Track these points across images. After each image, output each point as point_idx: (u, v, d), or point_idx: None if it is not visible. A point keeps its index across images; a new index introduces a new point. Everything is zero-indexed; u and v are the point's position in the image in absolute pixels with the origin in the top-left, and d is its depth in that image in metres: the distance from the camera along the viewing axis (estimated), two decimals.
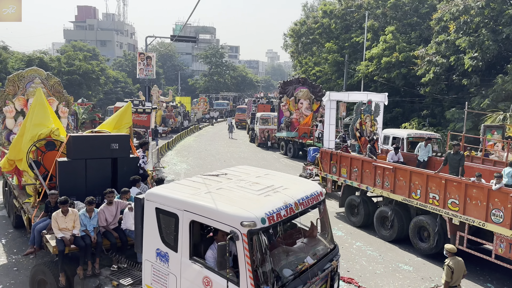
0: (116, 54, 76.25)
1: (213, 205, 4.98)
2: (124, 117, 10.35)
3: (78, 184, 8.19)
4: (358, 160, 12.92)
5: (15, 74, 14.32)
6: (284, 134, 27.19)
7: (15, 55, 38.08)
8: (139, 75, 32.40)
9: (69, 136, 8.37)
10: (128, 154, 8.95)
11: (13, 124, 13.93)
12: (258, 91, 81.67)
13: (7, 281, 8.64)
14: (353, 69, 31.83)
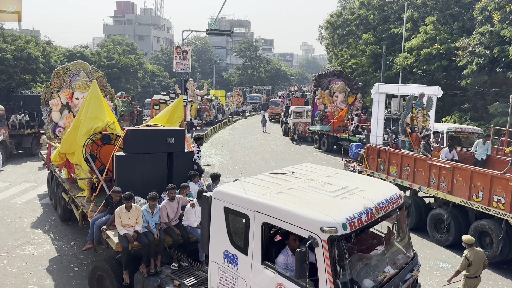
0: (153, 49, 77.75)
1: (289, 207, 4.62)
2: (176, 111, 10.10)
3: (135, 179, 8.04)
4: (410, 157, 12.02)
5: (60, 67, 14.32)
6: (318, 127, 26.92)
7: (58, 49, 39.56)
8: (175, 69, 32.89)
9: (127, 130, 8.19)
10: (184, 149, 8.78)
11: (58, 117, 14.02)
12: (292, 84, 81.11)
13: (51, 265, 9.06)
14: (391, 61, 31.01)
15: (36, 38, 34.15)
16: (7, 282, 8.21)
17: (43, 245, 10.15)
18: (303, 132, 30.40)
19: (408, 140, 14.07)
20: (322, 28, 41.39)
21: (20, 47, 26.87)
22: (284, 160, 22.32)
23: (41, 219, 12.04)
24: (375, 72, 33.62)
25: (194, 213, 7.16)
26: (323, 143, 26.47)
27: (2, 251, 9.71)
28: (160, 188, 7.89)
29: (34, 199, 14.06)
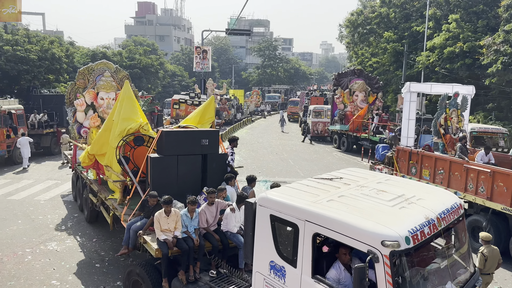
0: (173, 49, 78.50)
1: (344, 218, 4.25)
2: (207, 112, 9.80)
3: (170, 182, 7.83)
4: (445, 160, 11.46)
5: (85, 67, 14.20)
6: (337, 127, 26.70)
7: (81, 50, 40.34)
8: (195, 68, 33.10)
9: (161, 131, 7.99)
10: (218, 150, 8.55)
11: (83, 117, 13.91)
12: (311, 83, 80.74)
13: (73, 261, 9.25)
14: (413, 60, 30.50)
15: (59, 39, 34.89)
16: (31, 277, 8.43)
17: (66, 242, 10.37)
18: (322, 132, 30.21)
19: (442, 142, 13.47)
20: (342, 26, 41.01)
21: (44, 47, 27.49)
22: (303, 160, 22.22)
23: (64, 216, 12.30)
24: (396, 71, 33.13)
25: (234, 218, 6.96)
26: (342, 143, 26.24)
27: (27, 246, 9.97)
28: (195, 191, 7.83)
29: (58, 196, 14.38)
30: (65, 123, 22.81)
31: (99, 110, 13.97)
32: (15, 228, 11.19)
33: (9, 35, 26.28)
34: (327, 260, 4.75)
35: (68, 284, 8.18)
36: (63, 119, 22.98)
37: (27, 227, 11.30)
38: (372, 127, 23.79)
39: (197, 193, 7.81)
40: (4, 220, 11.77)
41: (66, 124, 22.93)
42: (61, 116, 23.21)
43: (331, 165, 21.02)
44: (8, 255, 9.47)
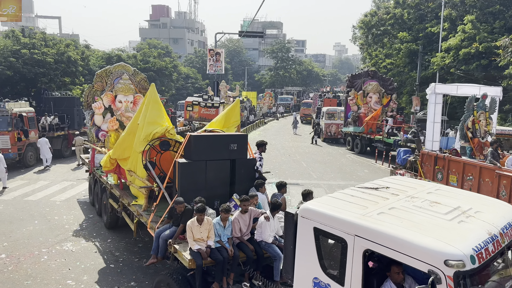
0: (187, 51, 79.04)
1: (400, 233, 3.85)
2: (232, 115, 9.45)
3: (198, 188, 7.52)
4: (474, 166, 10.90)
5: (103, 69, 13.93)
6: (351, 129, 26.52)
7: (96, 53, 40.89)
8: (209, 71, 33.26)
9: (189, 136, 7.73)
10: (246, 155, 8.28)
11: (101, 120, 13.62)
12: (324, 85, 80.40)
13: (87, 262, 9.35)
14: (428, 61, 30.17)
15: (75, 42, 35.44)
16: (47, 276, 8.55)
17: (81, 242, 10.50)
18: (335, 134, 30.07)
19: (469, 146, 12.88)
20: (356, 28, 40.82)
21: (60, 50, 27.94)
22: (315, 162, 22.13)
23: (79, 217, 12.46)
24: (410, 72, 32.83)
25: (268, 227, 6.64)
26: (356, 145, 26.06)
27: (43, 246, 10.12)
28: (223, 197, 7.69)
29: (73, 197, 14.57)
30: (76, 125, 23.39)
31: (117, 113, 13.80)
32: (31, 228, 11.37)
33: (26, 39, 26.79)
34: (376, 277, 4.34)
35: (83, 284, 8.28)
36: (74, 122, 23.43)
37: (43, 227, 11.48)
38: (387, 129, 23.58)
39: (225, 199, 7.64)
40: (21, 221, 11.97)
41: (77, 127, 23.22)
42: (72, 118, 23.44)
43: (345, 167, 20.89)
44: (25, 254, 9.63)
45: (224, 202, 7.27)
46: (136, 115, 9.24)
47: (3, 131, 18.20)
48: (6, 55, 24.77)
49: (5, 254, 9.61)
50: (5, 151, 17.62)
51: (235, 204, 7.47)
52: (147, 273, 8.81)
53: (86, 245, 10.32)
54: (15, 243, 10.29)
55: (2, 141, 18.17)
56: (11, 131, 18.31)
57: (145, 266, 9.03)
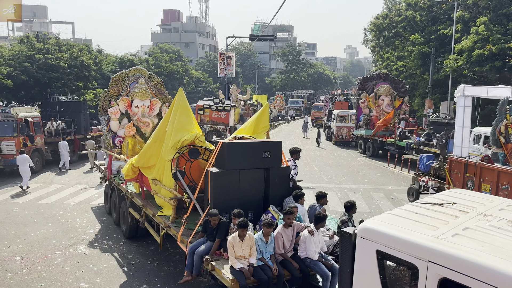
0: (198, 55, 79.49)
1: (487, 262, 3.31)
2: (261, 120, 9.01)
3: (231, 199, 7.11)
4: (510, 174, 10.13)
5: (118, 74, 13.52)
6: (362, 132, 26.38)
7: (109, 57, 41.34)
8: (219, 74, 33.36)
9: (222, 143, 7.35)
10: (280, 163, 7.86)
11: (117, 126, 13.20)
12: (336, 88, 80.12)
13: (100, 264, 9.42)
14: (440, 64, 29.87)
15: (88, 47, 35.84)
16: (61, 279, 8.63)
17: (94, 245, 10.59)
18: (346, 137, 29.93)
19: (502, 152, 12.23)
20: (367, 30, 40.65)
21: (74, 55, 28.30)
22: (327, 165, 22.03)
23: (92, 220, 12.57)
24: (423, 74, 32.54)
25: (313, 242, 6.19)
26: (368, 148, 25.89)
27: (56, 249, 10.23)
28: (257, 209, 7.32)
29: (86, 200, 14.71)
30: (83, 130, 23.07)
31: (133, 119, 13.38)
32: (45, 231, 11.51)
33: (40, 44, 27.20)
34: None
35: (96, 287, 8.34)
36: (81, 127, 23.06)
37: (57, 230, 11.60)
38: (399, 132, 23.40)
39: (260, 211, 7.31)
40: (36, 223, 12.12)
41: (84, 132, 23.05)
42: (78, 123, 23.04)
43: (357, 170, 20.75)
44: (39, 257, 9.74)
45: (259, 214, 6.98)
46: (163, 121, 8.73)
47: (8, 136, 17.88)
48: (21, 60, 25.17)
49: (19, 256, 9.73)
50: (10, 157, 17.36)
51: (272, 216, 7.05)
52: (159, 276, 8.85)
53: (99, 248, 10.40)
54: (30, 246, 10.42)
55: (8, 147, 17.81)
56: (16, 137, 17.99)
57: (157, 270, 9.07)
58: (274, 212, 7.14)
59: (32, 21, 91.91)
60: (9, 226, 11.88)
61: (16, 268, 9.11)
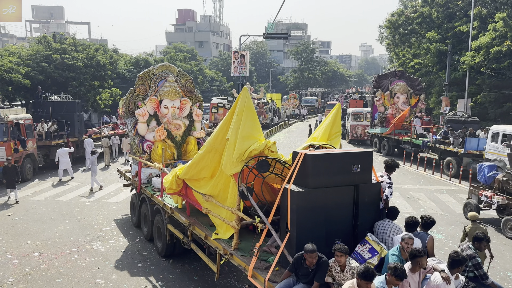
0: (212, 54, 79.78)
1: None
2: (335, 124, 7.67)
3: (316, 225, 5.77)
4: None
5: (145, 71, 12.11)
6: (378, 130, 26.11)
7: (124, 57, 41.78)
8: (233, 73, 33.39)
9: (305, 155, 5.92)
10: (371, 179, 6.47)
11: (145, 129, 11.71)
12: (350, 86, 79.57)
13: (116, 261, 9.52)
14: (457, 61, 29.40)
15: (104, 47, 36.28)
16: (77, 275, 8.75)
17: (110, 242, 10.71)
18: (361, 135, 29.70)
19: None
20: (383, 28, 40.24)
21: (90, 55, 28.67)
22: None
23: (108, 217, 12.72)
24: (439, 72, 32.08)
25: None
26: (383, 146, 25.64)
27: (73, 246, 10.38)
28: (346, 236, 6.00)
29: (102, 198, 14.90)
30: (77, 132, 21.21)
31: (163, 121, 11.95)
32: (62, 228, 11.69)
33: (57, 44, 27.62)
34: None
35: (112, 283, 8.43)
36: (75, 129, 21.21)
37: (74, 227, 11.77)
38: (414, 130, 23.10)
39: (348, 238, 6.02)
40: (53, 220, 12.32)
41: (78, 134, 21.14)
42: (72, 125, 21.09)
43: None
44: (56, 253, 9.90)
45: (347, 242, 5.62)
46: (222, 127, 7.12)
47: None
48: (39, 60, 25.61)
49: (37, 253, 9.90)
50: (0, 164, 15.52)
51: (371, 248, 5.70)
52: (173, 272, 8.91)
53: (115, 245, 10.52)
54: (47, 242, 10.60)
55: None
56: (6, 141, 16.08)
57: (172, 267, 9.14)
58: (374, 243, 5.74)
59: (49, 21, 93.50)
60: (28, 223, 12.11)
61: (34, 264, 9.27)
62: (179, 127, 12.12)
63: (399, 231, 6.05)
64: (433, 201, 14.77)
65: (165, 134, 11.75)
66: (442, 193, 15.99)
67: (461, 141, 18.91)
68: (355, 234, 6.11)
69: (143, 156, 11.46)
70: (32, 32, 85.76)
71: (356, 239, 6.06)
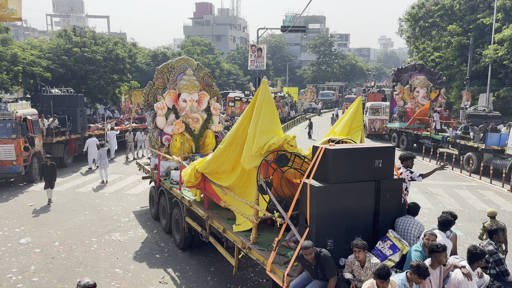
0: (229, 48, 79.75)
1: None
2: (355, 118, 7.49)
3: (336, 220, 5.71)
4: None
5: (164, 64, 12.15)
6: (396, 124, 25.76)
7: (142, 50, 42.12)
8: (250, 67, 33.35)
9: (325, 149, 5.84)
10: (392, 174, 6.36)
11: (164, 122, 11.77)
12: (369, 80, 78.55)
13: (135, 251, 9.69)
14: (479, 54, 28.71)
15: (123, 40, 36.61)
16: (97, 264, 8.93)
17: (128, 232, 10.89)
18: (379, 130, 29.36)
19: None
20: (403, 20, 39.52)
21: (109, 48, 28.98)
22: None
23: (126, 208, 12.93)
24: (460, 65, 31.40)
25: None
26: (401, 141, 25.30)
27: (93, 236, 10.59)
28: (366, 232, 5.96)
29: (121, 189, 15.14)
30: (79, 128, 19.73)
31: (181, 114, 11.96)
32: (82, 218, 11.93)
33: (77, 38, 28.02)
34: None
35: (130, 273, 8.58)
36: (77, 124, 19.61)
37: (93, 217, 12.00)
38: (434, 125, 22.72)
39: (368, 234, 5.98)
40: (73, 211, 12.59)
41: (81, 130, 19.75)
42: (74, 120, 19.47)
43: None
44: (76, 243, 10.12)
45: (367, 238, 5.61)
46: (242, 121, 7.11)
47: (5, 138, 14.73)
48: (59, 53, 26.02)
49: (58, 242, 10.14)
50: (7, 164, 14.62)
51: (392, 244, 5.63)
52: (191, 263, 9.02)
53: (133, 235, 10.69)
54: (67, 232, 10.84)
55: (5, 152, 14.68)
56: (15, 139, 14.82)
57: (189, 258, 9.25)
58: (395, 240, 5.65)
59: (70, 15, 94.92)
60: (49, 213, 12.40)
61: (55, 253, 9.50)
62: (197, 120, 12.13)
63: (421, 227, 5.97)
64: (452, 197, 14.55)
65: (183, 127, 11.80)
66: (461, 189, 15.72)
67: (482, 136, 18.52)
68: (376, 230, 6.05)
69: (161, 149, 11.51)
70: (53, 25, 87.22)
71: (376, 235, 6.00)
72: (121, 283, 8.14)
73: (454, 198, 14.41)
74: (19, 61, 21.95)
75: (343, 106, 48.92)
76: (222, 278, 8.37)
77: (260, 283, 8.14)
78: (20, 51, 22.95)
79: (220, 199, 7.89)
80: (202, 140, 12.25)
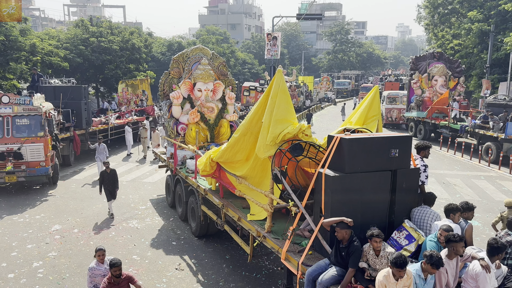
0: (244, 37, 79.34)
1: None
2: (372, 107, 7.30)
3: (351, 210, 5.66)
4: None
5: (179, 54, 12.14)
6: (414, 114, 25.40)
7: (158, 40, 42.27)
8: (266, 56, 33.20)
9: (341, 139, 5.81)
10: (409, 164, 6.24)
11: (179, 112, 11.79)
12: (386, 68, 77.38)
13: (152, 239, 9.86)
14: (500, 41, 27.95)
15: (139, 30, 36.80)
16: (114, 251, 9.12)
17: (145, 220, 11.07)
18: (396, 119, 28.99)
19: None
20: (421, 7, 38.69)
21: (125, 38, 29.19)
22: None
23: (143, 197, 13.12)
24: (480, 53, 30.62)
25: (488, 281, 4.61)
26: (419, 130, 24.94)
27: (111, 223, 10.80)
28: (381, 222, 5.89)
29: (138, 178, 15.35)
30: (84, 124, 17.82)
31: (196, 104, 11.96)
32: (100, 206, 12.16)
33: (94, 27, 28.28)
34: None
35: (147, 260, 8.75)
36: (82, 119, 17.66)
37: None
38: (453, 114, 22.31)
39: (384, 225, 5.90)
40: (91, 199, 12.83)
41: (86, 126, 17.96)
42: (79, 114, 17.49)
43: None
44: (95, 230, 10.34)
45: (383, 228, 5.59)
46: (256, 110, 7.11)
47: (32, 137, 13.19)
48: (77, 43, 26.34)
49: (77, 229, 10.38)
50: (35, 165, 13.13)
51: (408, 234, 5.60)
52: (206, 251, 9.14)
53: (150, 223, 10.87)
54: (86, 219, 11.08)
55: (33, 152, 13.13)
56: (43, 137, 13.33)
57: (205, 246, 9.36)
58: (411, 230, 5.61)
59: (86, 5, 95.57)
60: (68, 200, 12.67)
61: (74, 240, 9.74)
62: (212, 110, 12.16)
63: (437, 217, 5.88)
64: (470, 187, 14.34)
65: (198, 116, 11.83)
66: (480, 179, 15.47)
67: (502, 125, 18.13)
68: (391, 220, 5.99)
69: (177, 138, 11.60)
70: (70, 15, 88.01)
71: (392, 225, 5.95)
72: (138, 270, 8.30)
73: (472, 188, 14.20)
74: (37, 51, 22.29)
75: (359, 95, 48.44)
76: (237, 266, 8.47)
77: (275, 271, 8.22)
78: (39, 41, 23.29)
79: (235, 188, 7.92)
80: (217, 130, 12.28)
